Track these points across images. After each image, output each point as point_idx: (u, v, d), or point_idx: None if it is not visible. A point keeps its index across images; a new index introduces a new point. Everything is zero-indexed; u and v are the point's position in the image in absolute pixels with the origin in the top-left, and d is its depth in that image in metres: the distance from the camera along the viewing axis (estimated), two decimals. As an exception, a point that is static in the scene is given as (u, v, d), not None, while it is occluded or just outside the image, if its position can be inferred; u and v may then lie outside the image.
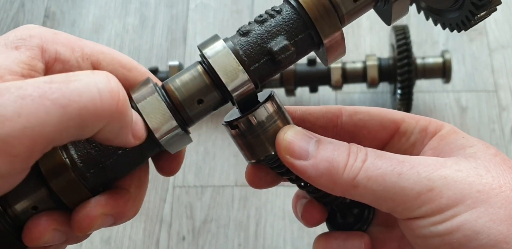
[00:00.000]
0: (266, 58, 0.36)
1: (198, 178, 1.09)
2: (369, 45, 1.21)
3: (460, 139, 0.39)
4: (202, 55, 0.36)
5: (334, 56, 0.38)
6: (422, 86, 1.15)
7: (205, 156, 1.11)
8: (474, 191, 0.34)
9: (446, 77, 1.08)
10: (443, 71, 1.08)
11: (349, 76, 1.09)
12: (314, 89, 1.11)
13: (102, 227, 0.36)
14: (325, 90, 1.15)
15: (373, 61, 1.08)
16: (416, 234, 0.35)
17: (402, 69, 1.03)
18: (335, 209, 0.43)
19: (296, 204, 0.44)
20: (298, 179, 0.40)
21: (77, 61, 0.36)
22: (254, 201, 1.05)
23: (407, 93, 1.05)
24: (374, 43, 1.21)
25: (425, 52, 1.18)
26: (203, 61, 0.36)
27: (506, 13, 1.21)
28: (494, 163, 0.36)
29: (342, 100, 1.16)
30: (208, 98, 0.36)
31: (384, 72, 1.08)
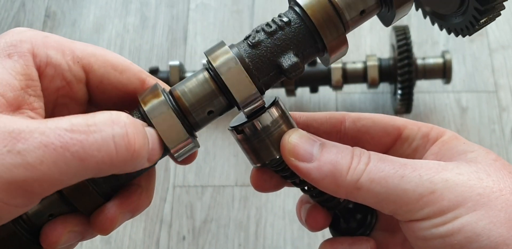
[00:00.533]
0: (275, 72, 0.37)
1: (199, 177, 1.09)
2: (369, 45, 1.21)
3: (461, 144, 0.39)
4: (211, 65, 0.36)
5: (335, 58, 0.38)
6: (422, 87, 1.15)
7: (205, 156, 1.11)
8: (475, 194, 0.34)
9: (447, 78, 1.08)
10: (444, 72, 1.08)
11: (349, 76, 1.09)
12: (314, 90, 1.12)
13: (123, 223, 0.38)
14: (325, 91, 1.15)
15: (373, 61, 1.08)
16: (417, 236, 0.36)
17: (402, 70, 1.03)
18: (338, 214, 0.43)
19: (300, 209, 0.44)
20: (302, 182, 0.41)
21: (68, 65, 0.37)
22: (254, 201, 1.05)
23: (408, 94, 1.05)
24: (375, 44, 1.21)
25: (425, 52, 1.18)
26: (210, 68, 0.37)
27: (507, 14, 1.21)
28: (495, 168, 0.37)
29: (343, 100, 1.16)
30: (215, 105, 0.37)
31: (384, 72, 1.08)
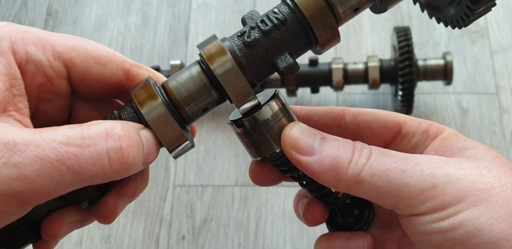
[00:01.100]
0: (269, 71, 0.37)
1: (199, 177, 1.09)
2: (370, 46, 1.21)
3: (461, 141, 0.39)
4: (203, 59, 0.36)
5: (328, 48, 0.38)
6: (423, 88, 1.15)
7: (205, 156, 1.11)
8: (476, 189, 0.34)
9: (448, 79, 1.08)
10: (445, 73, 1.08)
11: (350, 77, 1.09)
12: (315, 90, 1.12)
13: (124, 208, 0.39)
14: (326, 91, 1.15)
15: (374, 62, 1.08)
16: (418, 230, 0.36)
17: (403, 71, 1.03)
18: (336, 209, 0.43)
19: (297, 204, 0.44)
20: (301, 177, 0.41)
21: (48, 61, 0.36)
22: (254, 200, 1.05)
23: (408, 95, 1.05)
24: (376, 44, 1.21)
25: (426, 53, 1.18)
26: (202, 61, 0.37)
27: (508, 15, 1.21)
28: (495, 164, 0.37)
29: (343, 101, 1.16)
30: (208, 99, 0.37)
31: (385, 73, 1.08)
